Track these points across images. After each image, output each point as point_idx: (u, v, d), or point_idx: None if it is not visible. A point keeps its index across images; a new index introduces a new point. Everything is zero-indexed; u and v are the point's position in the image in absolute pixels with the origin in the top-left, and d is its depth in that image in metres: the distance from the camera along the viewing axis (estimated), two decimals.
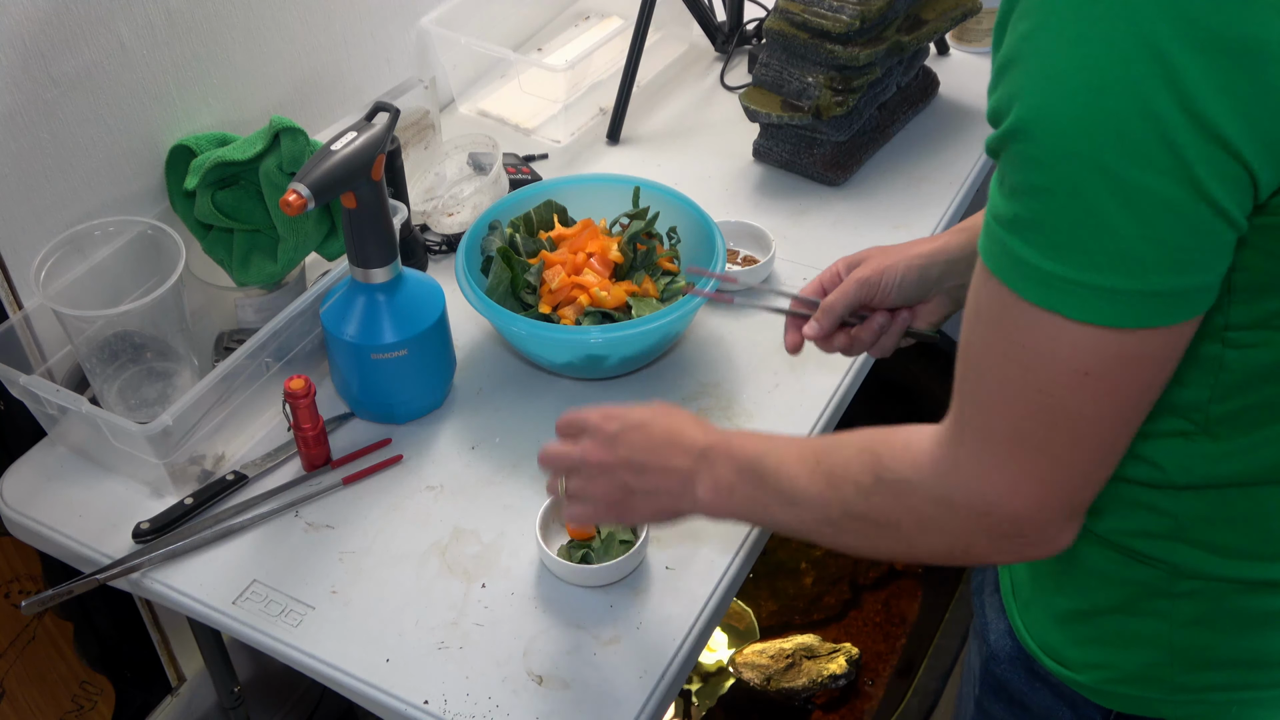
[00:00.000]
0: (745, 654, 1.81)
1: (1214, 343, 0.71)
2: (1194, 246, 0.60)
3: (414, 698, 1.00)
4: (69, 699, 1.43)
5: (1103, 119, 0.58)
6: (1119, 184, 0.59)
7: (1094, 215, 0.60)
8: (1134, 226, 0.60)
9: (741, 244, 1.44)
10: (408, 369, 1.19)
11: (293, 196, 1.02)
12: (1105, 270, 0.61)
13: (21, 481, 1.20)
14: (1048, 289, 0.63)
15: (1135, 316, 0.62)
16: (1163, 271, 0.61)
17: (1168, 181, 0.58)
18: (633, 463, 0.91)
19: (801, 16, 1.46)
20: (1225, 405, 0.74)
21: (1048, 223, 0.62)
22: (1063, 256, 0.62)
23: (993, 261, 0.66)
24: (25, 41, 1.11)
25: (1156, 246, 0.60)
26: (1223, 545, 0.78)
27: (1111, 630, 0.84)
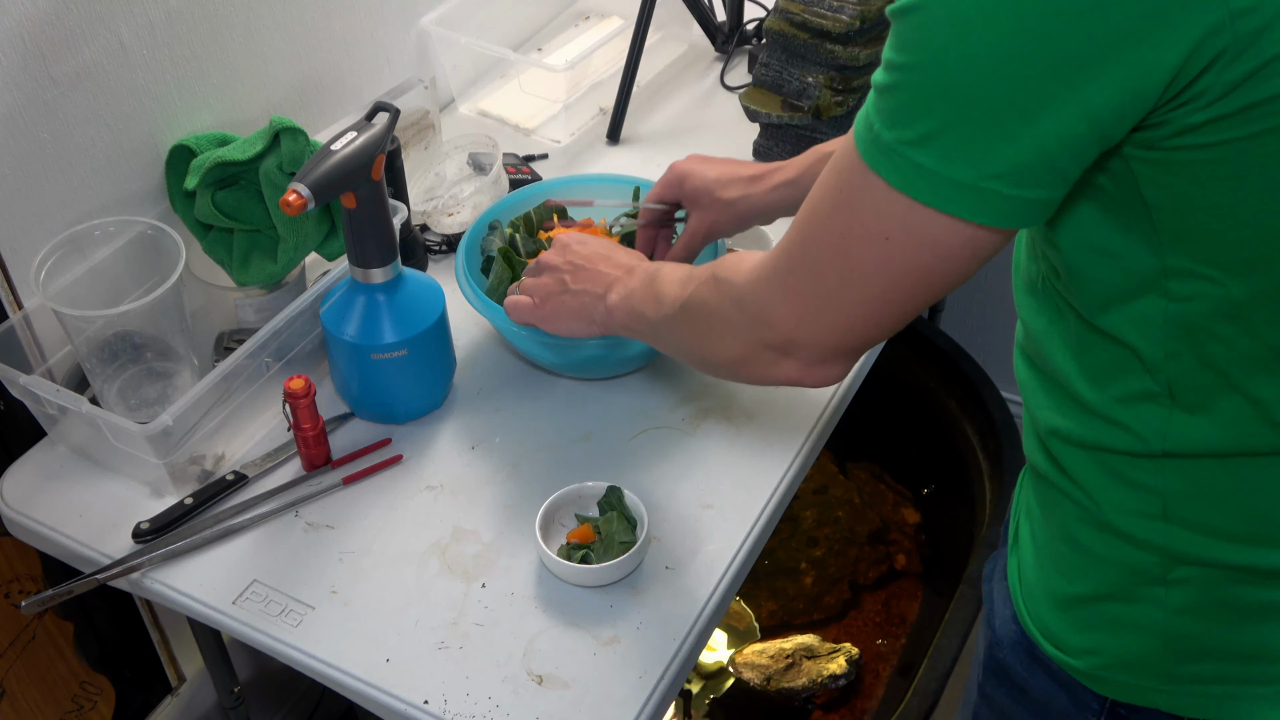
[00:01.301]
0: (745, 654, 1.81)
1: (1157, 295, 0.73)
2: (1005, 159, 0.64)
3: (414, 698, 1.00)
4: (69, 699, 1.43)
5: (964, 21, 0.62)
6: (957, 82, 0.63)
7: (929, 101, 0.65)
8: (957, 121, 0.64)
9: (741, 244, 1.44)
10: (408, 369, 1.19)
11: (293, 196, 1.02)
12: (922, 148, 0.66)
13: (21, 481, 1.20)
14: (878, 152, 0.68)
15: (939, 198, 0.67)
16: (968, 164, 0.65)
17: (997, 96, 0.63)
18: (573, 264, 1.09)
19: (801, 16, 1.46)
20: (1179, 364, 0.75)
21: (891, 95, 0.67)
22: (893, 128, 0.67)
23: (857, 119, 0.71)
24: (25, 41, 1.11)
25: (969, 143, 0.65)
26: (1211, 526, 0.79)
27: (1107, 616, 0.85)
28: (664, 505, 1.15)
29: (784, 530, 1.97)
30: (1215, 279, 0.70)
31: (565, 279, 1.09)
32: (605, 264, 1.08)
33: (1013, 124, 0.63)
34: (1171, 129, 0.64)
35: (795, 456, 1.21)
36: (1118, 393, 0.78)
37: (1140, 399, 0.77)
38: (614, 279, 1.05)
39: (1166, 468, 0.79)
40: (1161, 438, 0.78)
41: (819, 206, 0.75)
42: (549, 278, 1.11)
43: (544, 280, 1.11)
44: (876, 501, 2.04)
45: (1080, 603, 0.87)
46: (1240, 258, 0.69)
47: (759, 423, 1.24)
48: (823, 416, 1.25)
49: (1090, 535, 0.84)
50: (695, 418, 1.24)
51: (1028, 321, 0.85)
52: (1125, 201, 0.70)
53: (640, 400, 1.26)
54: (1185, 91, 0.62)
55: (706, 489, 1.17)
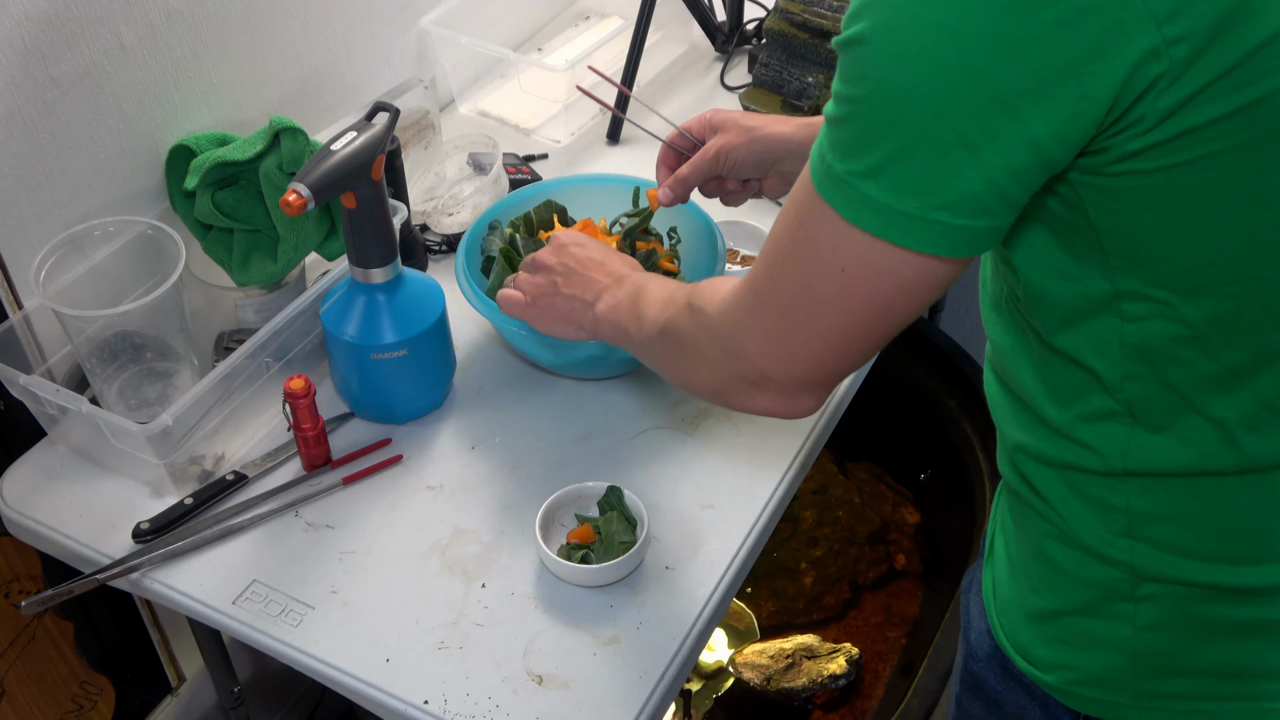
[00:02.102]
0: (745, 654, 1.81)
1: (1111, 316, 0.73)
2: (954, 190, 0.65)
3: (414, 698, 1.00)
4: (69, 699, 1.44)
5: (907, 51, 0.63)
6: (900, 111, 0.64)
7: (873, 131, 0.66)
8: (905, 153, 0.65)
9: (741, 244, 1.44)
10: (408, 369, 1.19)
11: (293, 196, 1.02)
12: (872, 180, 0.66)
13: (21, 481, 1.20)
14: (831, 185, 0.69)
15: (891, 230, 0.67)
16: (915, 197, 0.66)
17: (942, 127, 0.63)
18: (566, 267, 1.08)
19: (801, 16, 1.46)
20: (1138, 386, 0.75)
21: (840, 127, 0.68)
22: (844, 159, 0.67)
23: (812, 150, 0.71)
24: (25, 41, 1.11)
25: (918, 176, 0.65)
26: (1177, 545, 0.79)
27: (1076, 631, 0.85)
28: (664, 505, 1.15)
29: (784, 530, 1.97)
30: (1168, 302, 0.71)
31: (558, 281, 1.08)
32: (598, 270, 1.07)
33: (958, 155, 0.64)
34: (1113, 155, 0.65)
35: (795, 456, 1.21)
36: (1080, 411, 0.79)
37: (1102, 418, 0.78)
38: (604, 287, 1.04)
39: (1130, 486, 0.79)
40: (1123, 456, 0.78)
41: (781, 239, 0.75)
42: (542, 277, 1.10)
43: (537, 279, 1.10)
44: (876, 501, 2.04)
45: (1050, 617, 0.87)
46: (1191, 282, 0.70)
47: (759, 423, 1.24)
48: (823, 417, 1.25)
49: (1060, 551, 0.84)
50: (695, 418, 1.24)
51: (994, 339, 0.86)
52: (1074, 225, 0.71)
53: (640, 400, 1.26)
54: (1123, 118, 0.63)
55: (706, 489, 1.17)
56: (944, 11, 0.62)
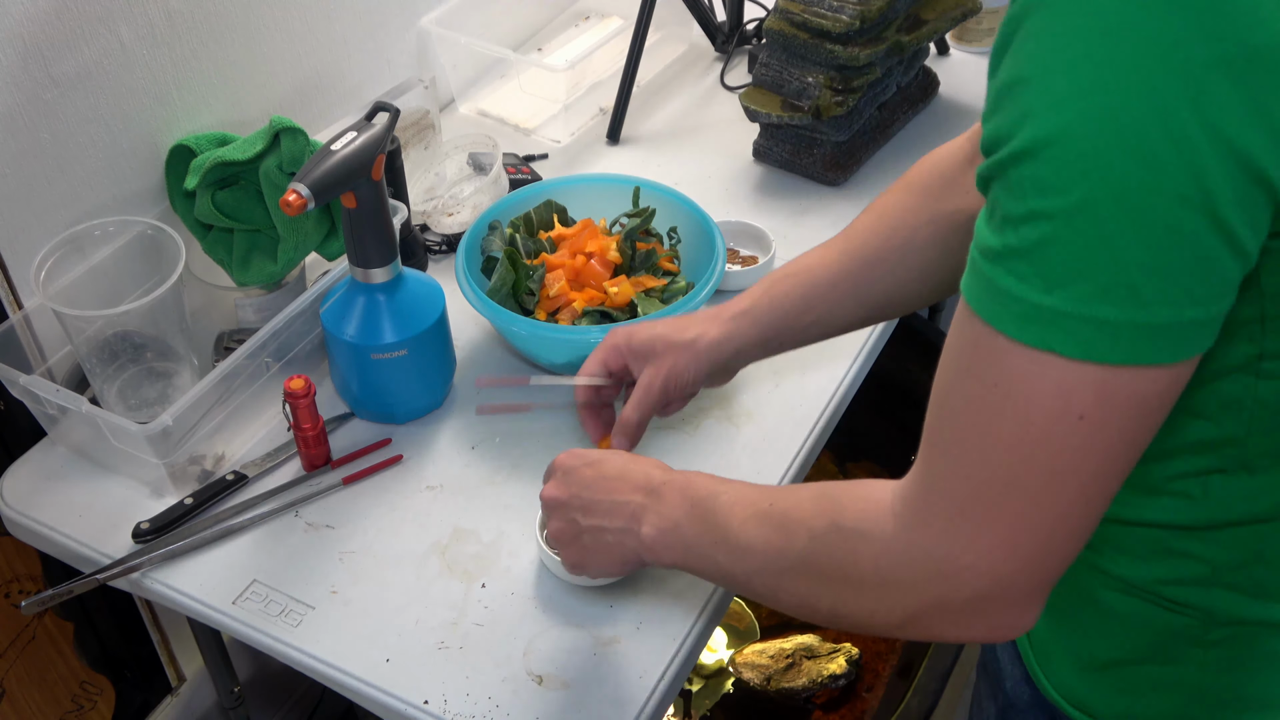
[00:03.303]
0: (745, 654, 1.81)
1: (1248, 375, 0.69)
2: (1201, 279, 0.57)
3: (414, 698, 1.00)
4: (69, 699, 1.43)
5: (1126, 140, 0.55)
6: (1135, 209, 0.55)
7: (1101, 242, 0.56)
8: (1143, 255, 0.56)
9: (741, 244, 1.44)
10: (408, 369, 1.19)
11: (293, 196, 1.02)
12: (1106, 302, 0.57)
13: (21, 481, 1.20)
14: (1041, 325, 0.59)
15: (1136, 352, 0.58)
16: (1167, 304, 0.57)
17: (1188, 210, 0.55)
18: (579, 497, 0.91)
19: (801, 16, 1.46)
20: (1265, 439, 0.71)
21: (1047, 251, 0.58)
22: (1059, 288, 0.58)
23: (976, 300, 0.61)
24: (25, 41, 1.11)
25: (1162, 277, 0.56)
26: (1259, 586, 0.76)
27: (1142, 679, 0.82)
28: None
29: None
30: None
31: (577, 519, 0.92)
32: (620, 488, 0.90)
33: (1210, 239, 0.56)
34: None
35: (795, 456, 1.21)
36: (1185, 468, 0.73)
37: (1210, 472, 0.73)
38: (636, 506, 0.88)
39: (1224, 537, 0.75)
40: (1225, 508, 0.74)
41: (967, 419, 0.64)
42: (560, 520, 0.93)
43: (556, 524, 0.94)
44: None
45: (1110, 666, 0.83)
46: None
47: (759, 423, 1.24)
48: (823, 416, 1.25)
49: (1122, 602, 0.81)
50: (695, 418, 1.24)
51: None
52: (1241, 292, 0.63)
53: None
54: None
55: None
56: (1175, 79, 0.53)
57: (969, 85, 1.73)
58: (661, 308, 1.23)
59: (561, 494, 0.93)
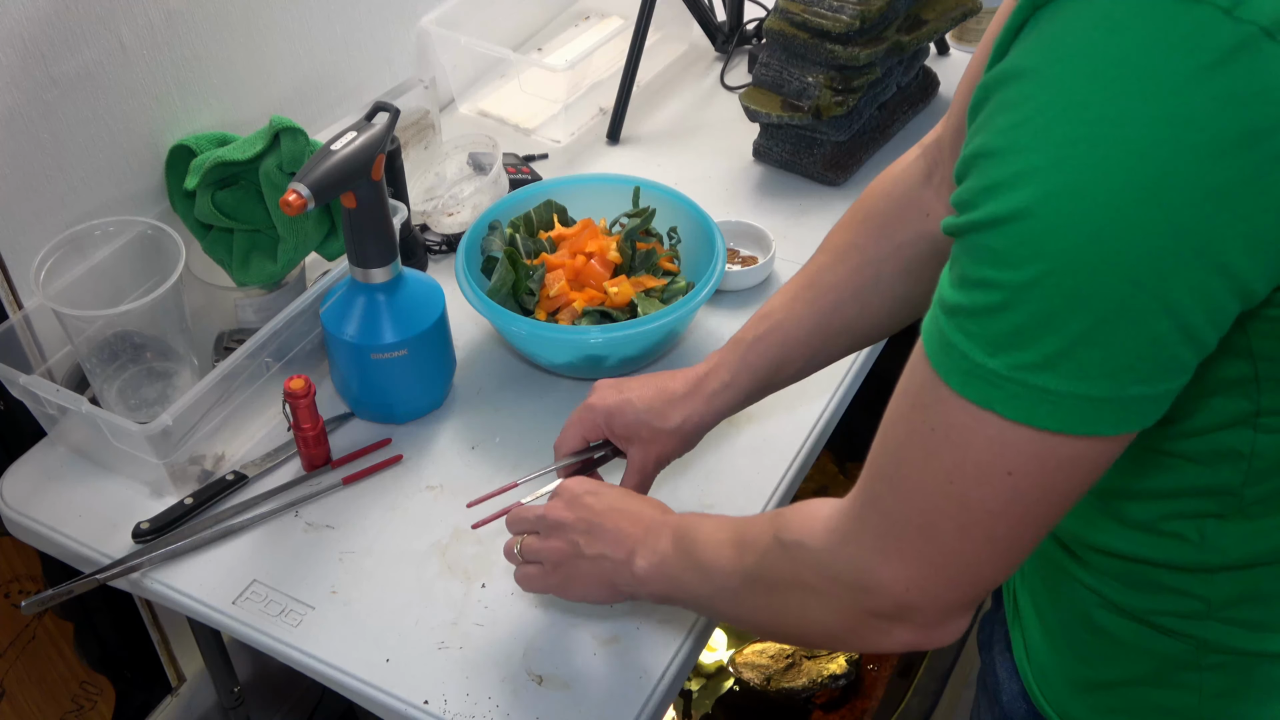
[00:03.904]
0: (745, 654, 1.81)
1: (1246, 429, 0.69)
2: (1149, 359, 0.57)
3: (414, 698, 1.00)
4: (69, 699, 1.43)
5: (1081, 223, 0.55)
6: (1085, 289, 0.56)
7: (1048, 316, 0.57)
8: (1089, 331, 0.56)
9: (741, 244, 1.44)
10: (408, 369, 1.19)
11: (293, 196, 1.02)
12: (1048, 371, 0.58)
13: (21, 481, 1.20)
14: (983, 384, 0.60)
15: (1074, 421, 0.59)
16: (1109, 378, 0.57)
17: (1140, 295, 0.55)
18: (587, 522, 0.93)
19: (801, 16, 1.46)
20: (1260, 488, 0.71)
21: (995, 317, 0.58)
22: (1003, 353, 0.58)
23: (929, 346, 0.63)
24: (25, 41, 1.11)
25: (1107, 353, 0.57)
26: (1254, 621, 0.76)
27: (1137, 701, 0.82)
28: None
29: None
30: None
31: (579, 542, 0.93)
32: (625, 520, 0.92)
33: (1159, 324, 0.56)
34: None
35: (795, 456, 1.21)
36: (1179, 510, 0.74)
37: (1201, 517, 0.74)
38: (637, 540, 0.91)
39: (1220, 578, 0.75)
40: (1220, 553, 0.74)
41: (904, 449, 0.66)
42: (559, 540, 0.95)
43: (553, 543, 0.95)
44: None
45: (1105, 687, 0.84)
46: None
47: (759, 423, 1.24)
48: (823, 416, 1.25)
49: (1118, 625, 0.81)
50: None
51: None
52: (1231, 355, 0.65)
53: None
54: None
55: (706, 489, 1.17)
56: (1138, 168, 0.53)
57: None
58: (661, 307, 1.23)
59: (568, 516, 0.94)
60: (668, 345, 1.29)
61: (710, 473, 1.19)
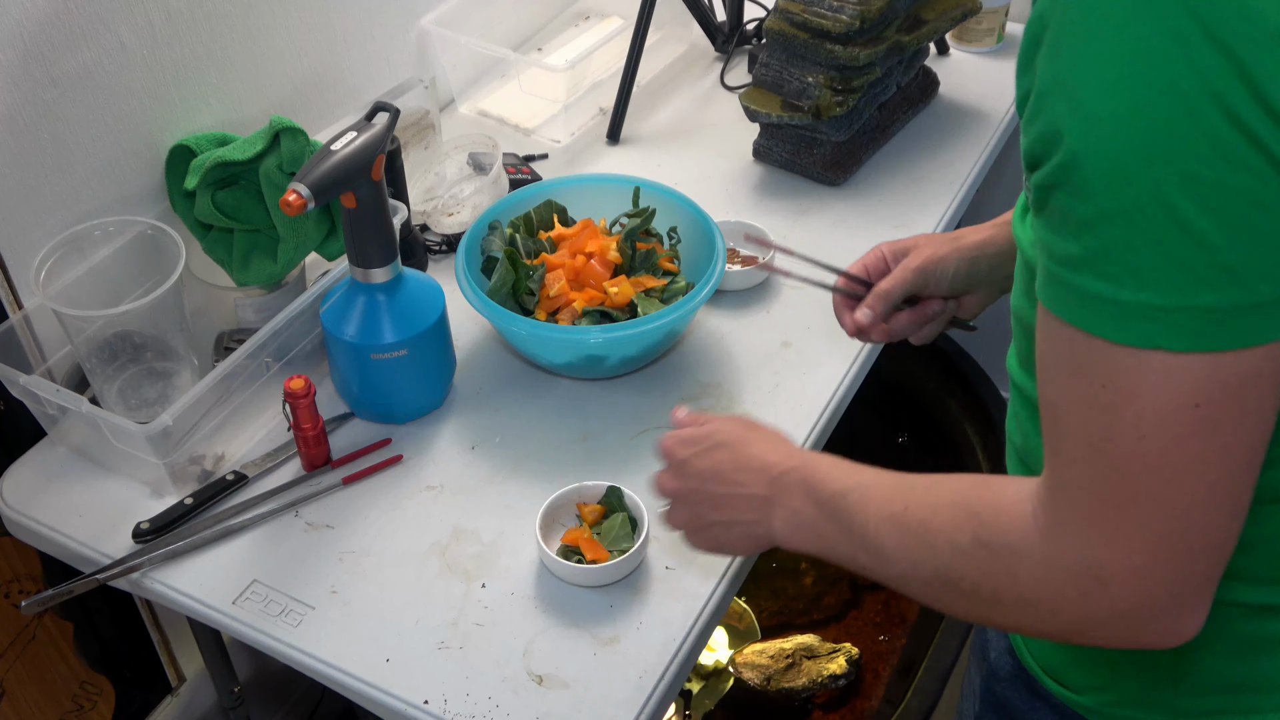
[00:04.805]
0: (745, 654, 1.81)
1: None
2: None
3: (414, 698, 1.00)
4: (69, 699, 1.43)
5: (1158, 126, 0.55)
6: (1193, 184, 0.55)
7: (1175, 227, 0.55)
8: (1220, 231, 0.55)
9: (741, 244, 1.44)
10: (408, 369, 1.19)
11: (293, 196, 1.02)
12: (1199, 288, 0.56)
13: (21, 481, 1.20)
14: (1137, 322, 0.58)
15: (1243, 334, 0.57)
16: (1262, 279, 0.56)
17: (1243, 171, 0.54)
18: (703, 493, 0.89)
19: (801, 16, 1.46)
20: None
21: (1124, 248, 0.57)
22: (1148, 282, 0.57)
23: (1062, 308, 0.61)
24: (25, 41, 1.11)
25: (1249, 249, 0.55)
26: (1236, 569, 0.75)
27: (1115, 653, 0.83)
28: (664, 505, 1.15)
29: None
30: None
31: (701, 513, 0.90)
32: (740, 480, 0.87)
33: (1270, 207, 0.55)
34: None
35: None
36: None
37: None
38: (762, 500, 0.86)
39: None
40: None
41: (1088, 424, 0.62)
42: (683, 512, 0.92)
43: (679, 516, 0.92)
44: None
45: None
46: None
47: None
48: (823, 416, 1.25)
49: None
50: None
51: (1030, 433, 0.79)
52: None
53: (640, 400, 1.26)
54: None
55: None
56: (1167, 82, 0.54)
57: (969, 85, 1.73)
58: (661, 307, 1.23)
59: (680, 486, 0.91)
60: (668, 345, 1.29)
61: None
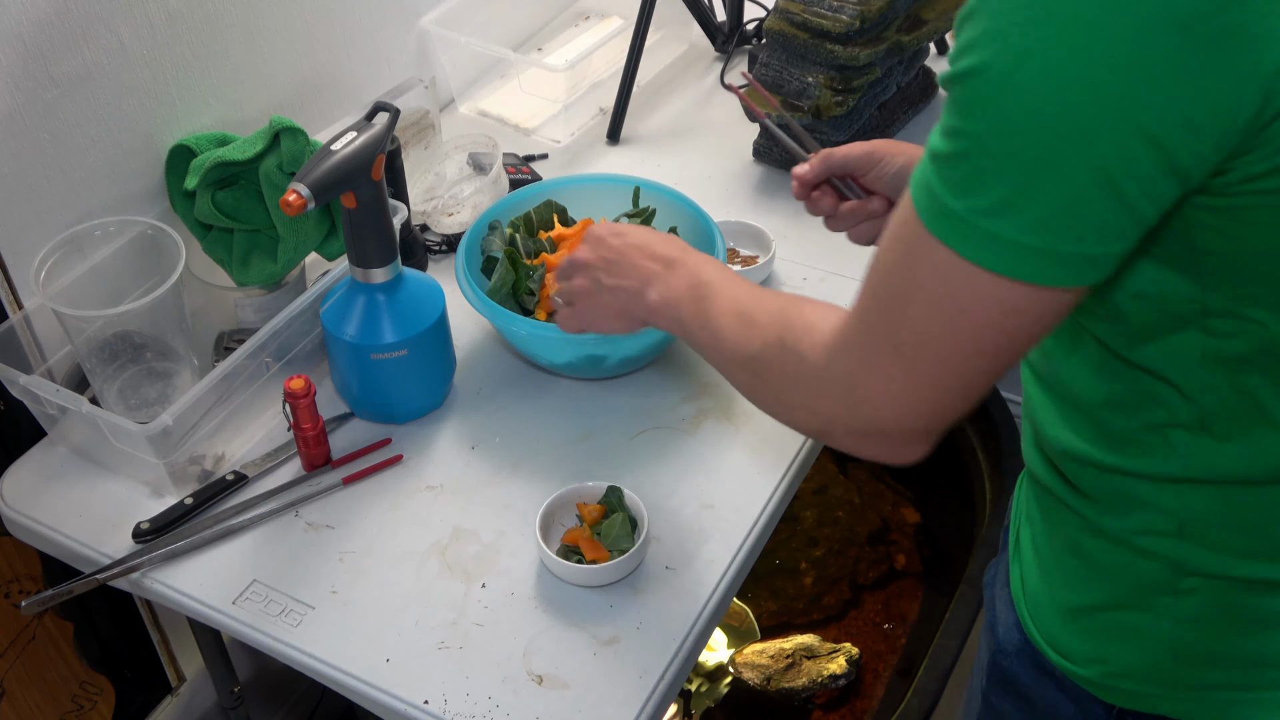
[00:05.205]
0: (745, 654, 1.81)
1: (1196, 331, 0.72)
2: (1089, 221, 0.63)
3: (414, 698, 1.00)
4: (69, 699, 1.43)
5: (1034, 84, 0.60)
6: (1034, 148, 0.61)
7: (1003, 168, 0.63)
8: (1035, 189, 0.62)
9: (741, 244, 1.44)
10: (408, 369, 1.19)
11: (293, 196, 1.02)
12: (999, 219, 0.63)
13: (21, 481, 1.20)
14: (945, 221, 0.66)
15: (1020, 269, 0.65)
16: (1052, 234, 0.63)
17: (1080, 161, 0.61)
18: (606, 260, 1.02)
19: (801, 16, 1.46)
20: (1214, 397, 0.74)
21: (962, 164, 0.64)
22: (966, 198, 0.64)
23: (913, 187, 0.69)
24: (25, 41, 1.11)
25: (1050, 210, 0.63)
26: (1226, 544, 0.79)
27: (1115, 625, 0.85)
28: (664, 505, 1.15)
29: (784, 530, 1.97)
30: (1258, 319, 0.70)
31: (599, 276, 1.02)
32: (642, 255, 1.00)
33: (1094, 187, 0.61)
34: (1237, 176, 0.64)
35: (795, 456, 1.21)
36: (1145, 420, 0.78)
37: (1168, 426, 0.77)
38: (652, 273, 0.98)
39: (1188, 492, 0.78)
40: (1186, 465, 0.77)
41: (891, 279, 0.71)
42: (582, 278, 1.03)
43: (578, 281, 1.04)
44: (876, 501, 2.04)
45: (1087, 612, 0.86)
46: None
47: (759, 423, 1.24)
48: None
49: (1097, 547, 0.84)
50: (695, 418, 1.24)
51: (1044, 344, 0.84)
52: (1174, 247, 0.69)
53: (640, 400, 1.26)
54: (1258, 137, 0.61)
55: (706, 489, 1.17)
56: (1078, 39, 0.59)
57: None
58: None
59: (590, 255, 1.03)
60: (668, 345, 1.29)
61: (710, 473, 1.19)
